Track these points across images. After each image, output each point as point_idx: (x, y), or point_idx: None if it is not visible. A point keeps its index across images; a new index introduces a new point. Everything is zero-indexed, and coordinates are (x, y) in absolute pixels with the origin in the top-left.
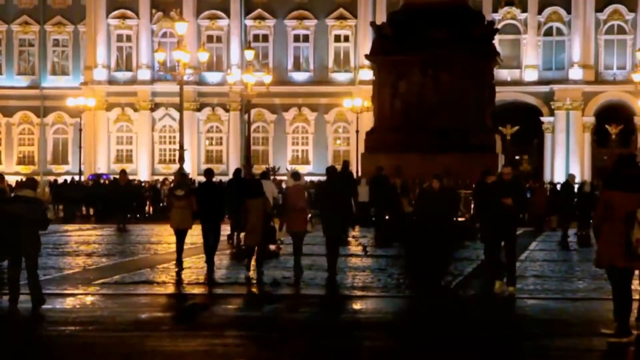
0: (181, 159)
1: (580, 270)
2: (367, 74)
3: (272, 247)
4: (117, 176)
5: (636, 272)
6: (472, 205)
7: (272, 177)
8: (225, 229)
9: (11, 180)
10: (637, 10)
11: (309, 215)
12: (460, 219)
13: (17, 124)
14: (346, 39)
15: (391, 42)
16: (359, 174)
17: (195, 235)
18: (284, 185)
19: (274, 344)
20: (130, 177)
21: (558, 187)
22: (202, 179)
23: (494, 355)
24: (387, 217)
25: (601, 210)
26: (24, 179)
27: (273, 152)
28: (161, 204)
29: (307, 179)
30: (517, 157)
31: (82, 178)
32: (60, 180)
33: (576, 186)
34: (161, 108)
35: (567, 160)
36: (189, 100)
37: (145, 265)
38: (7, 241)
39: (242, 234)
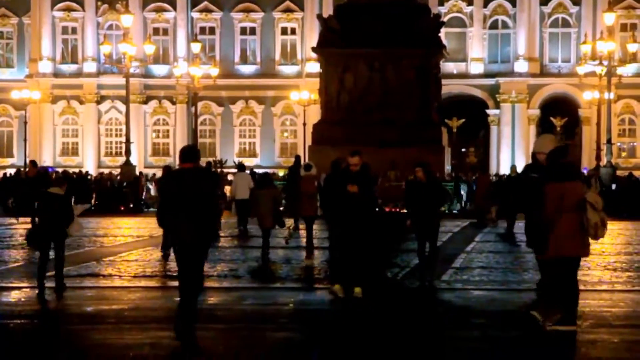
0: (127, 152)
1: (526, 261)
2: (314, 67)
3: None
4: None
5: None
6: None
7: (219, 170)
8: None
9: None
10: (581, 3)
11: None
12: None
13: None
14: (293, 31)
15: (338, 35)
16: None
17: (135, 228)
18: (230, 177)
19: (218, 336)
20: (76, 170)
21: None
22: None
23: (441, 345)
24: None
25: (554, 203)
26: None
27: (220, 144)
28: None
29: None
30: (463, 150)
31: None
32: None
33: None
34: (107, 101)
35: (512, 152)
36: (135, 93)
37: (91, 258)
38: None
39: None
